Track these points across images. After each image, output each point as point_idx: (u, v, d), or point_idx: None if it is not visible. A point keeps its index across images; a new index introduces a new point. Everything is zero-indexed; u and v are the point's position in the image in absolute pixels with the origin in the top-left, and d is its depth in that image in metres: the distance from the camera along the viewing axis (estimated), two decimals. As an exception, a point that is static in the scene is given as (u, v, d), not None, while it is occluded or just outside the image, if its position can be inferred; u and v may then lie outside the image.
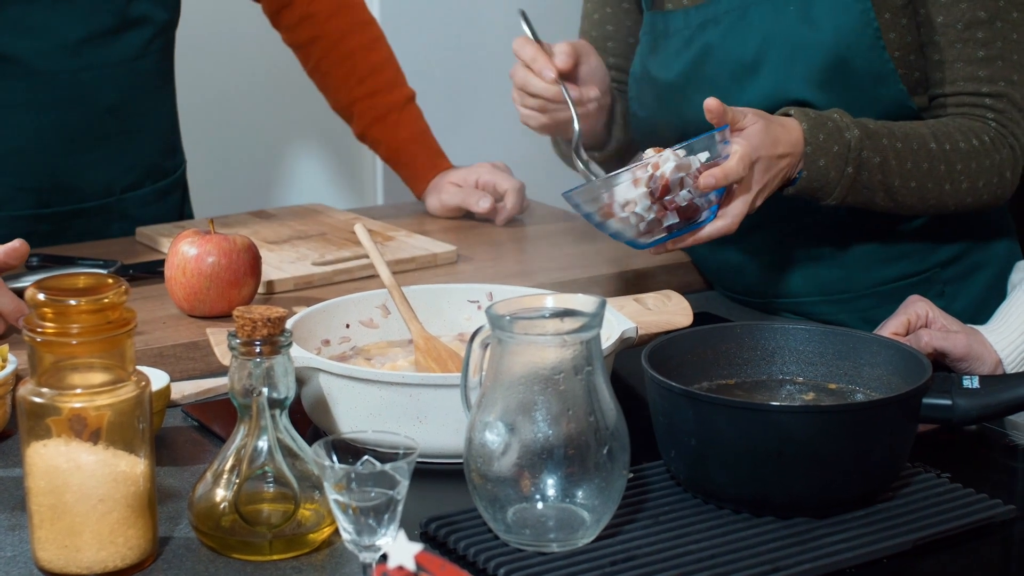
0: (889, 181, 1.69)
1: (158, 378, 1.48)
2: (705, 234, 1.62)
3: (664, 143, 1.65)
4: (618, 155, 1.94)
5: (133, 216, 2.19)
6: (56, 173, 2.10)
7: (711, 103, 1.57)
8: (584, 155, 1.78)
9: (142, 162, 2.20)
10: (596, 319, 1.22)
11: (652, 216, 1.58)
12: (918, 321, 1.62)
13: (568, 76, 1.81)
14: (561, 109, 1.80)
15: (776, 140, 1.62)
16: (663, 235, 1.61)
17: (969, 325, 1.64)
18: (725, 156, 1.58)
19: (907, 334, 1.62)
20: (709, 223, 1.62)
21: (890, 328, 1.61)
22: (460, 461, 1.26)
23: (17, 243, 1.65)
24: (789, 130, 1.64)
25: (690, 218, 1.60)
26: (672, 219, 1.59)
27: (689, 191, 1.58)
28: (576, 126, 1.77)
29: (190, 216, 2.34)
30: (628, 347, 1.52)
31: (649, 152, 1.60)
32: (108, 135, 2.12)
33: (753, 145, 1.59)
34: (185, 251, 1.73)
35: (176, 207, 2.29)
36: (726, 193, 1.61)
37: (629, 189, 1.56)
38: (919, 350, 1.53)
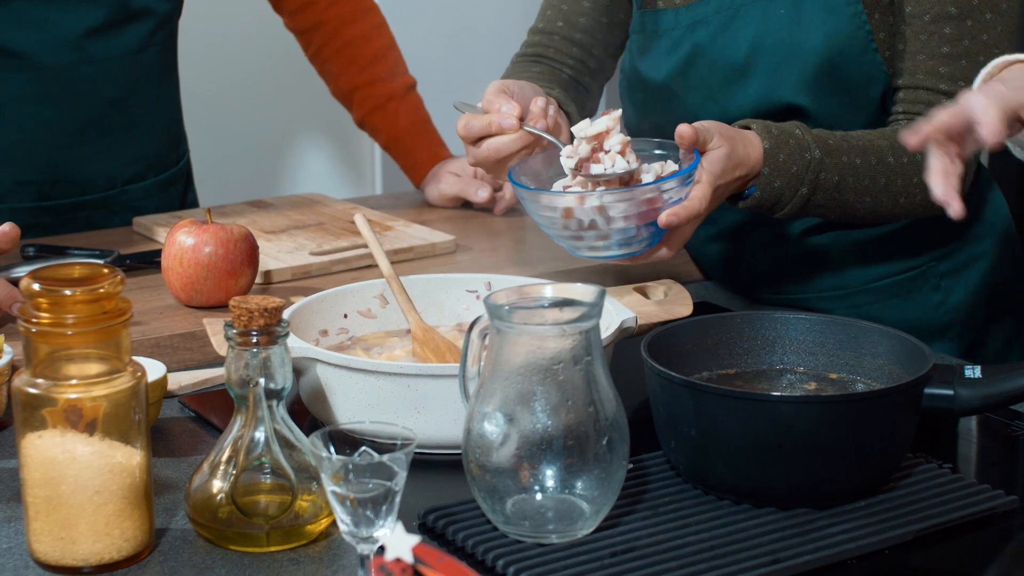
0: (844, 198, 1.65)
1: (155, 368, 1.47)
2: (649, 260, 1.57)
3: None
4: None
5: (135, 207, 2.18)
6: (58, 166, 2.10)
7: (684, 131, 1.51)
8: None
9: (145, 154, 2.19)
10: (595, 309, 1.22)
11: (605, 229, 1.52)
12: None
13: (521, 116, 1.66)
14: (536, 145, 1.65)
15: (738, 164, 1.57)
16: (603, 253, 1.55)
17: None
18: (684, 194, 1.52)
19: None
20: (652, 248, 1.55)
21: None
22: (459, 452, 1.25)
23: (7, 227, 1.64)
24: (750, 149, 1.59)
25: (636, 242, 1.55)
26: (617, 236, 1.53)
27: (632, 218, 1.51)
28: (562, 147, 1.61)
29: (195, 204, 2.33)
30: (628, 337, 1.51)
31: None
32: (111, 128, 2.11)
33: (714, 174, 1.54)
34: (182, 241, 1.72)
35: (179, 197, 2.28)
36: None
37: (589, 201, 1.50)
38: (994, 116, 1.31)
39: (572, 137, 1.71)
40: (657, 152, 1.61)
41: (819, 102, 1.72)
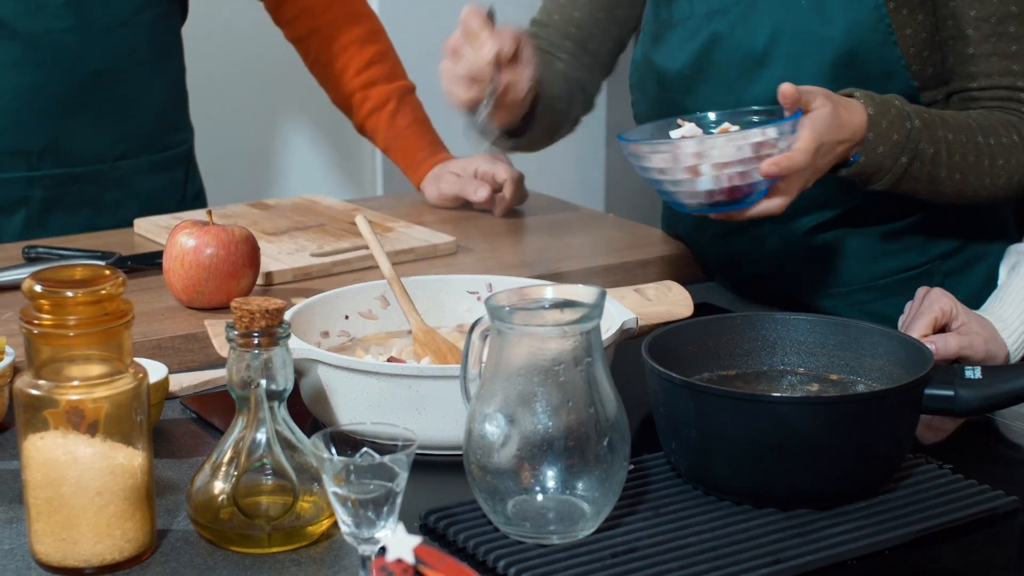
0: (937, 172, 1.68)
1: (156, 370, 1.47)
2: (756, 212, 1.60)
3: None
4: (530, 147, 1.93)
5: (129, 186, 2.18)
6: (46, 136, 2.11)
7: (786, 89, 1.56)
8: (488, 134, 1.74)
9: (136, 132, 2.19)
10: (596, 310, 1.22)
11: (719, 184, 1.57)
12: (943, 318, 1.61)
13: (505, 63, 1.72)
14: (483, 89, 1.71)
15: (841, 126, 1.60)
16: (710, 204, 1.60)
17: (979, 314, 1.63)
18: (788, 146, 1.56)
19: (935, 331, 1.60)
20: (759, 202, 1.60)
21: (919, 329, 1.59)
22: (460, 453, 1.25)
23: None
24: (853, 114, 1.62)
25: (741, 194, 1.60)
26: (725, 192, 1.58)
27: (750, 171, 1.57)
28: (484, 112, 1.70)
29: (200, 197, 2.33)
30: (628, 338, 1.51)
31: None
32: (96, 101, 2.12)
33: (818, 131, 1.58)
34: (183, 242, 1.73)
35: (179, 183, 2.28)
36: None
37: (719, 151, 1.55)
38: (944, 355, 1.54)
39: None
40: (756, 120, 1.65)
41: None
